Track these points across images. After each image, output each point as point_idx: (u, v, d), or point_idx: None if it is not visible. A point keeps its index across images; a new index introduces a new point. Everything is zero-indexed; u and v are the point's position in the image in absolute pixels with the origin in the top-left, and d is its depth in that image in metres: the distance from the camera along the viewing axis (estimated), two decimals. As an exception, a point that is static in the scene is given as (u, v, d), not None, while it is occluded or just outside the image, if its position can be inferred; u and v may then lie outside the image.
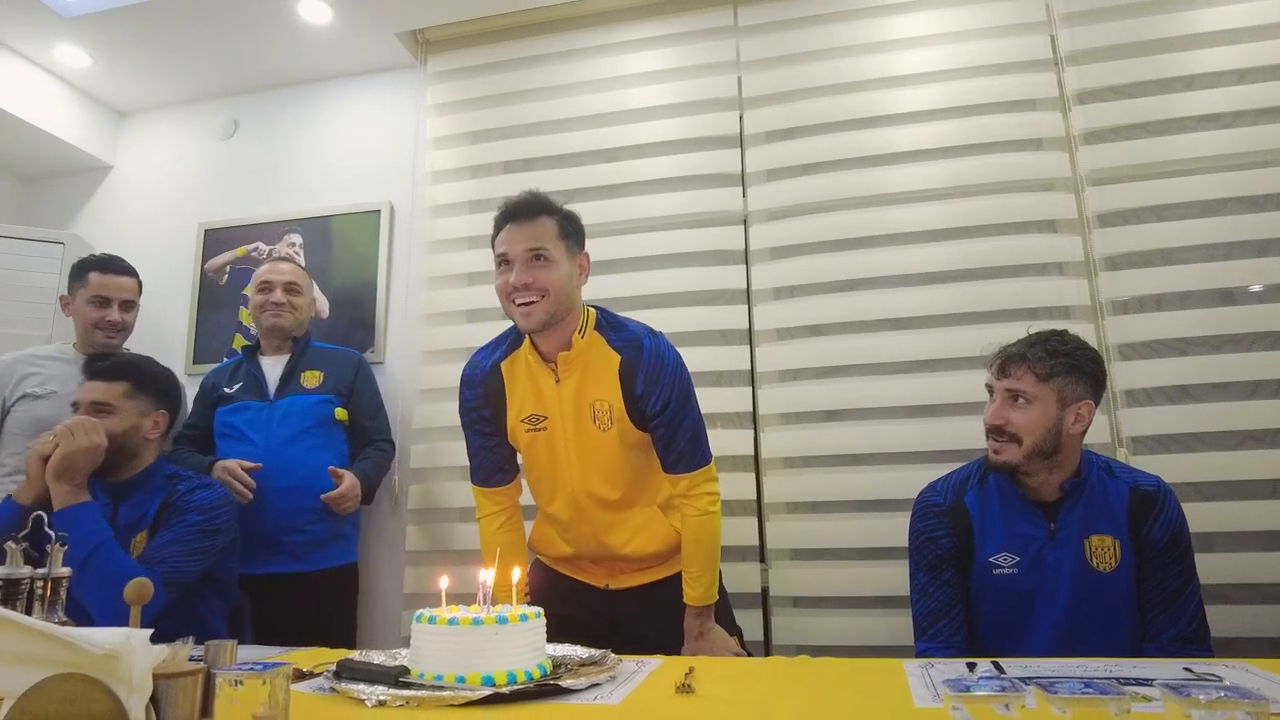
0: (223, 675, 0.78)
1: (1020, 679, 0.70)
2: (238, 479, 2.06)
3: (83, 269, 2.26)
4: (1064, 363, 1.52)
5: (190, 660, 0.88)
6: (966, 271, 2.23)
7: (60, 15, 2.55)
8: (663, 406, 1.59)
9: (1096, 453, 1.63)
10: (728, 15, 2.52)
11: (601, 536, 1.68)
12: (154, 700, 0.77)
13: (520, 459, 1.74)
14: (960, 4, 2.36)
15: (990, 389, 1.60)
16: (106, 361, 1.82)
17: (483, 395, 1.68)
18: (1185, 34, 2.20)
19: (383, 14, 2.61)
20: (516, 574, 1.23)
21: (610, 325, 1.66)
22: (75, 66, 2.83)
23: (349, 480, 2.17)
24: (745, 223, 2.40)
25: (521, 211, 1.57)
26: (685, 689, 1.02)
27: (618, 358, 1.61)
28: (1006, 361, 1.56)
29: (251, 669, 0.79)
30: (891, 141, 2.34)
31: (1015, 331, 1.61)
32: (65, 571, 0.90)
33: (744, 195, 2.42)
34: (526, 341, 1.64)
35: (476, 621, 1.05)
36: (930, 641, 1.56)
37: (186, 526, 1.68)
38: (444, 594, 1.13)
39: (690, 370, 1.66)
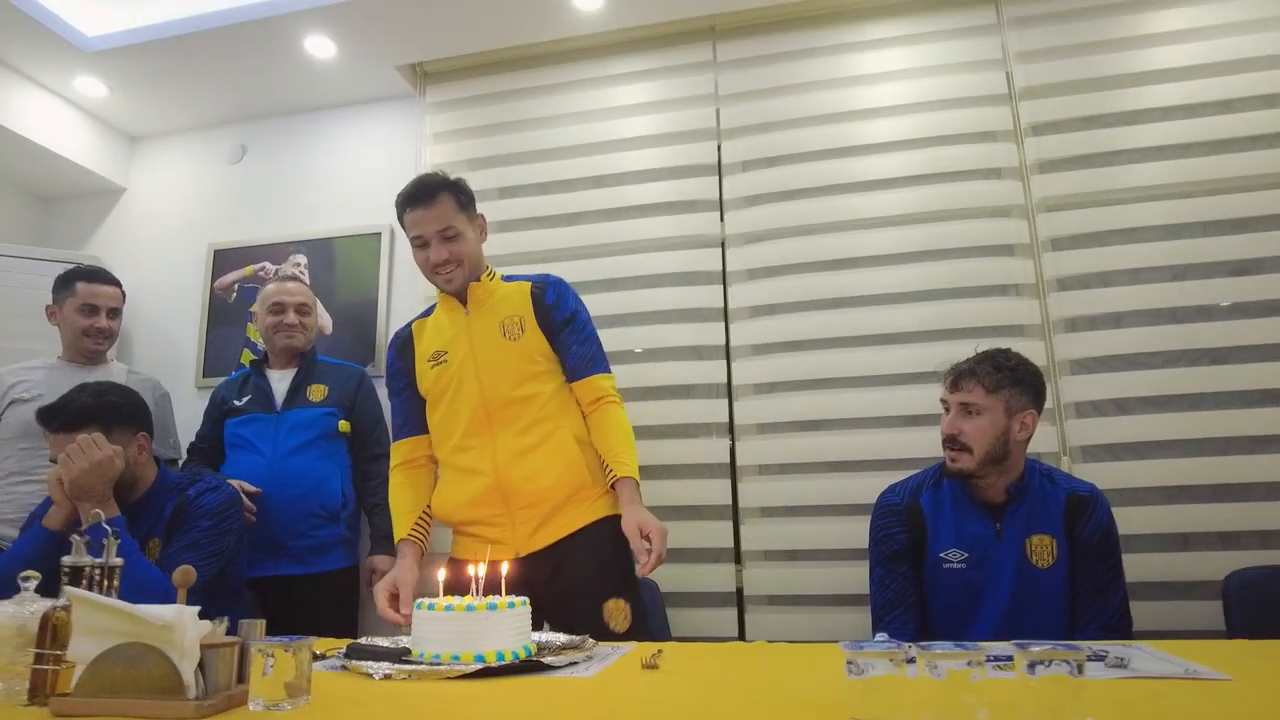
0: (256, 646, 0.93)
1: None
2: None
3: (69, 279, 2.37)
4: (1009, 376, 1.70)
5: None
6: (930, 292, 2.38)
7: (81, 50, 2.71)
8: (570, 314, 1.87)
9: (1040, 461, 1.80)
10: (707, 51, 2.67)
11: (508, 457, 1.75)
12: (200, 666, 0.92)
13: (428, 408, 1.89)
14: (923, 41, 2.53)
15: (945, 403, 1.77)
16: (62, 416, 1.72)
17: (396, 351, 1.96)
18: (1133, 71, 2.36)
19: (384, 47, 2.76)
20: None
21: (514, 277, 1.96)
22: (93, 96, 2.98)
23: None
24: (723, 246, 2.56)
25: (422, 196, 1.82)
26: (651, 666, 1.17)
27: (528, 284, 1.90)
28: (958, 377, 1.74)
29: (279, 641, 0.94)
30: (860, 170, 2.50)
31: (974, 348, 1.78)
32: (118, 561, 1.05)
33: (721, 220, 2.57)
34: (440, 300, 1.91)
35: (470, 608, 1.21)
36: (886, 629, 1.70)
37: (200, 532, 1.76)
38: (441, 584, 1.28)
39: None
